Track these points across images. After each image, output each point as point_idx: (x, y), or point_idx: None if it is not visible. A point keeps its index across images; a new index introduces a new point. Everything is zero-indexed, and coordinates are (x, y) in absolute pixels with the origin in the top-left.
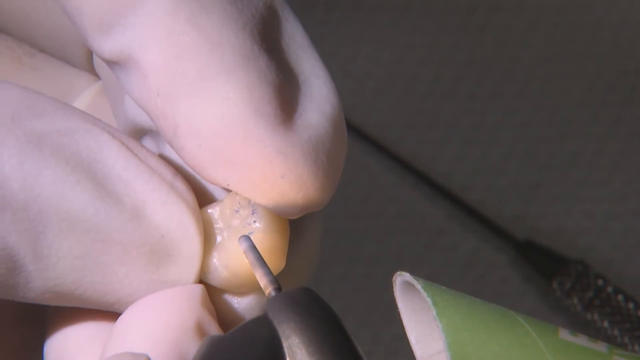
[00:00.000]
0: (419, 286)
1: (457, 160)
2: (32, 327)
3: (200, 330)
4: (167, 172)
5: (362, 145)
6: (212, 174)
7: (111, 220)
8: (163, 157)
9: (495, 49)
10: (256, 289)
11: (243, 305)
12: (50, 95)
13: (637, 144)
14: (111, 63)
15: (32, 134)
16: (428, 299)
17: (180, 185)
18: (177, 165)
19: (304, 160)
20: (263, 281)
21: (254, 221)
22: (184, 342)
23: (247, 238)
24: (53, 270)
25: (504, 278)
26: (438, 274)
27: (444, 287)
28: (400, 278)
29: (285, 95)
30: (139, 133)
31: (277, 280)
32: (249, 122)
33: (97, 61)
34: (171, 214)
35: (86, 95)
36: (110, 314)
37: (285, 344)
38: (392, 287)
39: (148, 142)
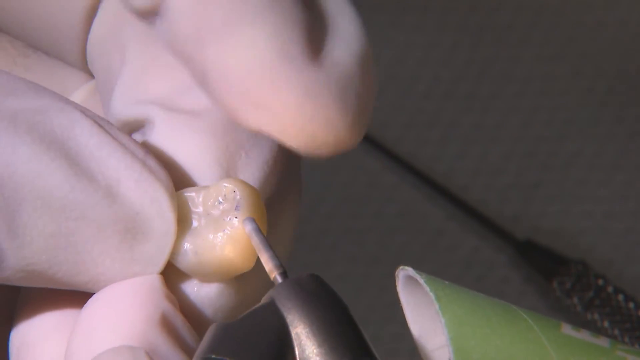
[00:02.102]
0: (421, 280)
1: (457, 160)
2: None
3: (166, 322)
4: (139, 150)
5: (362, 145)
6: (243, 117)
7: (86, 198)
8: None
9: (495, 48)
10: (219, 280)
11: (202, 293)
12: None
13: (637, 144)
14: (148, 14)
15: (7, 111)
16: (431, 294)
17: (153, 162)
18: (159, 153)
19: (332, 102)
20: (268, 265)
21: (235, 217)
22: (151, 335)
23: (252, 220)
24: (27, 249)
25: (504, 278)
26: (438, 274)
27: (446, 282)
28: (403, 272)
29: (312, 34)
30: (126, 129)
31: (282, 265)
32: (276, 66)
33: (90, 57)
34: (144, 190)
35: (78, 95)
36: (76, 303)
37: (292, 333)
38: (393, 286)
39: (136, 137)
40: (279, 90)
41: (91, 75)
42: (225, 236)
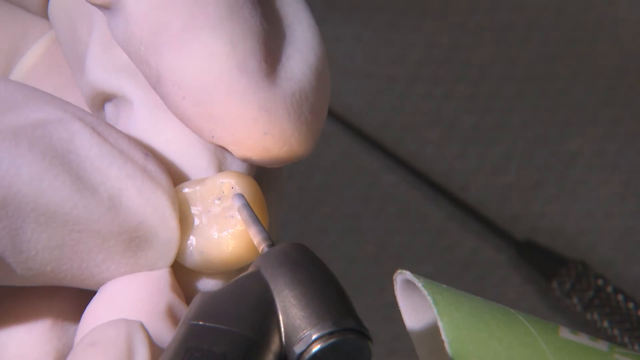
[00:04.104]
0: (419, 284)
1: (457, 160)
2: None
3: (171, 314)
4: (139, 155)
5: (362, 145)
6: (196, 126)
7: (89, 212)
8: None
9: (495, 48)
10: (225, 273)
11: (210, 286)
12: (5, 42)
13: (637, 144)
14: (102, 7)
15: (7, 129)
16: (429, 298)
17: (153, 167)
18: (146, 145)
19: (287, 116)
20: (256, 238)
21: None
22: (156, 325)
23: (241, 196)
24: (32, 262)
25: (504, 278)
26: (438, 274)
27: (444, 286)
28: (401, 276)
29: (269, 45)
30: (100, 98)
31: (270, 238)
32: (232, 78)
33: (52, 15)
34: (147, 199)
35: (41, 43)
36: (45, 299)
37: (277, 299)
38: (392, 287)
39: (109, 108)
40: (234, 104)
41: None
42: (230, 235)
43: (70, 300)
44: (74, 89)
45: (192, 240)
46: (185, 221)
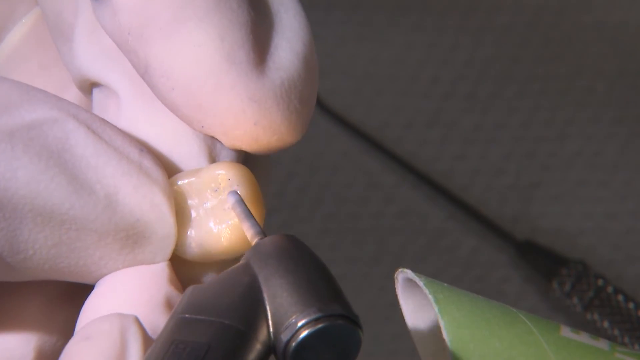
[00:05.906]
0: (420, 283)
1: (457, 160)
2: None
3: (170, 307)
4: (134, 151)
5: (362, 145)
6: (185, 116)
7: (86, 212)
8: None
9: (495, 49)
10: (225, 263)
11: (209, 278)
12: None
13: (637, 144)
14: None
15: (3, 131)
16: (430, 296)
17: (148, 163)
18: (136, 136)
19: (276, 106)
20: (250, 233)
21: None
22: (153, 317)
23: (235, 193)
24: (30, 261)
25: (504, 278)
26: (438, 274)
27: (445, 284)
28: (402, 275)
29: (257, 35)
30: (88, 84)
31: (264, 232)
32: (221, 70)
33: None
34: (143, 196)
35: (27, 20)
36: (23, 297)
37: (265, 288)
38: (392, 287)
39: (97, 94)
40: (224, 95)
41: None
42: (228, 227)
43: (56, 292)
44: (60, 67)
45: (191, 232)
46: (182, 214)
